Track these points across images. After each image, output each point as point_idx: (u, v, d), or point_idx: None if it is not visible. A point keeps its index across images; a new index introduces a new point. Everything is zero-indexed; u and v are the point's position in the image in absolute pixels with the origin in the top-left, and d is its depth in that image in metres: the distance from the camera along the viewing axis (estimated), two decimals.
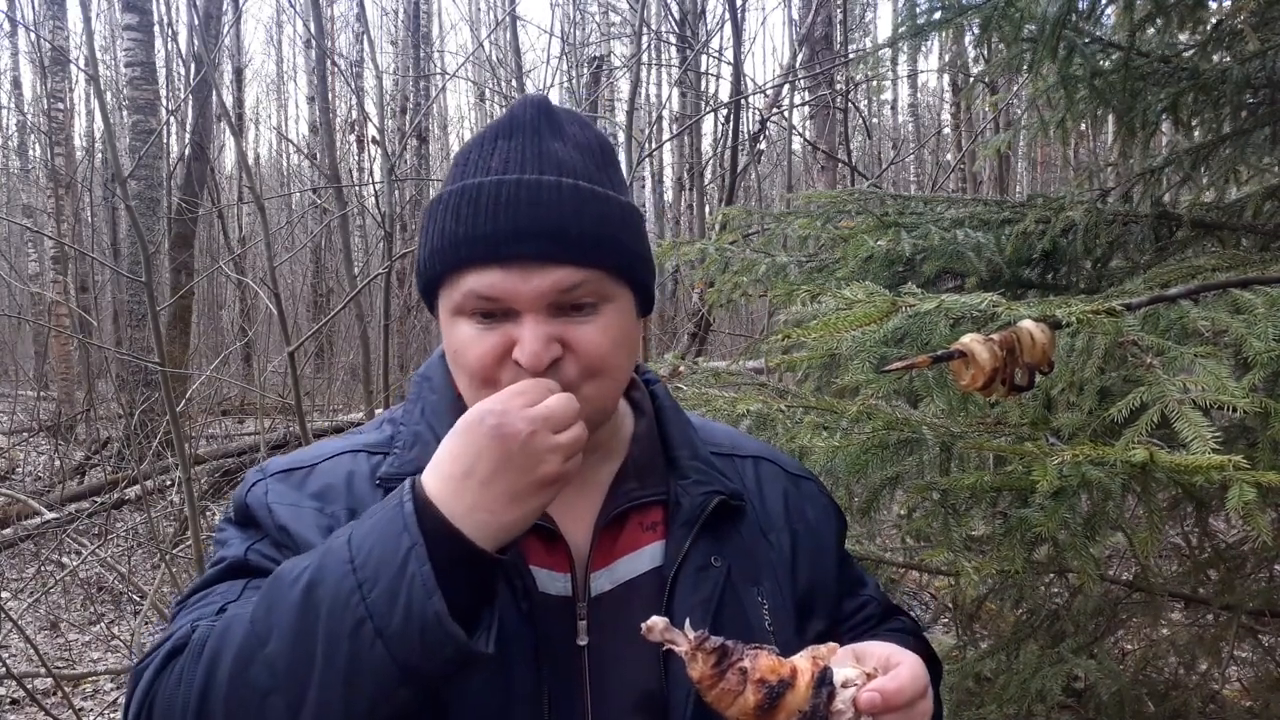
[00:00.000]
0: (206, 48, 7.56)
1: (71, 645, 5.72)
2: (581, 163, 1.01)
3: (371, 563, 0.85)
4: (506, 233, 0.95)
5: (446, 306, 1.01)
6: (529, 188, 0.97)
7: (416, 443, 1.06)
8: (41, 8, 12.63)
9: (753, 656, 0.86)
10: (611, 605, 1.03)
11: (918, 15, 2.27)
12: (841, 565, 1.23)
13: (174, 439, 4.27)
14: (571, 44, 13.38)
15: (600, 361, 0.99)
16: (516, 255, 0.95)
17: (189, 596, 1.01)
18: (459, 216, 0.98)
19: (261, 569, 0.99)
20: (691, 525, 1.06)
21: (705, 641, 0.86)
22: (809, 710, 0.85)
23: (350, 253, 6.59)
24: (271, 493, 1.06)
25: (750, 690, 0.85)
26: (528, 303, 0.96)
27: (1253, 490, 1.04)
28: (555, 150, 1.00)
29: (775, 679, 0.85)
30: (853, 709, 0.87)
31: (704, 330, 6.89)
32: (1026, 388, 1.14)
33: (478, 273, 0.96)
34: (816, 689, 0.86)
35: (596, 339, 0.98)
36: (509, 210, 0.96)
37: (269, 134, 27.17)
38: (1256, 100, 2.35)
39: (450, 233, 0.98)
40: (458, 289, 0.98)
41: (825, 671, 0.88)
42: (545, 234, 0.96)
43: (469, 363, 0.99)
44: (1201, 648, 2.70)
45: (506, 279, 0.95)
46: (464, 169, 1.02)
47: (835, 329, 1.27)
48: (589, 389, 0.98)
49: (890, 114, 19.50)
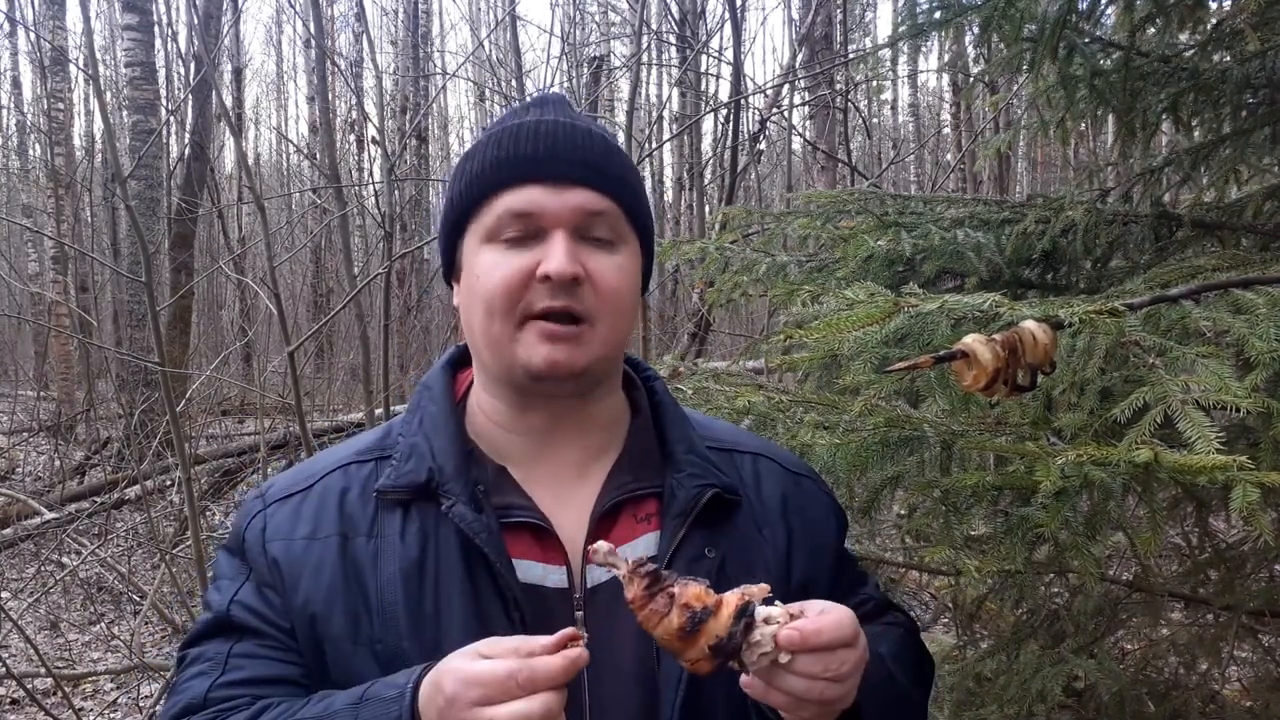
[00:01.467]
0: (206, 48, 7.55)
1: (71, 645, 5.72)
2: (604, 131, 1.13)
3: None
4: (545, 154, 1.06)
5: (476, 235, 1.08)
6: (564, 126, 1.09)
7: (413, 455, 1.09)
8: (41, 8, 12.62)
9: (683, 585, 0.93)
10: (608, 595, 1.05)
11: (918, 15, 2.27)
12: (841, 563, 1.24)
13: (174, 439, 4.27)
14: (571, 44, 13.36)
15: (614, 295, 1.06)
16: (552, 175, 1.05)
17: (187, 648, 1.10)
18: (500, 144, 1.08)
19: (244, 626, 1.07)
20: (685, 517, 1.09)
21: (641, 566, 0.93)
22: (725, 636, 0.91)
23: (350, 253, 6.58)
24: (269, 526, 1.10)
25: (675, 613, 0.91)
26: (557, 218, 1.04)
27: (1256, 490, 1.04)
28: (581, 118, 1.13)
29: (699, 606, 0.92)
30: (772, 644, 0.92)
31: (704, 330, 6.89)
32: (1028, 388, 1.14)
33: (514, 191, 1.05)
34: (736, 619, 0.92)
35: (614, 273, 1.06)
36: (548, 139, 1.07)
37: (269, 134, 27.17)
38: (1256, 100, 2.35)
39: (491, 158, 1.07)
40: (491, 212, 1.06)
41: (748, 605, 0.93)
42: (578, 160, 1.07)
43: (494, 284, 1.04)
44: (1201, 648, 2.70)
45: (541, 194, 1.04)
46: (499, 126, 1.12)
47: (837, 329, 1.27)
48: (603, 325, 1.05)
49: (890, 114, 19.50)
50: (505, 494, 1.08)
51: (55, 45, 11.32)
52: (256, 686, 1.04)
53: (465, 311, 1.10)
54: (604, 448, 1.13)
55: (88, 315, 11.45)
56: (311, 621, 1.05)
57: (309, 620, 1.05)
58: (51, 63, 11.43)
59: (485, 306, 1.05)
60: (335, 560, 1.06)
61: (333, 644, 1.04)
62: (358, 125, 13.21)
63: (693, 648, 0.91)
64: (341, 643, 1.03)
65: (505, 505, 1.07)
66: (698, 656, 0.92)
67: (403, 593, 1.03)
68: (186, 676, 1.07)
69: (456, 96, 32.41)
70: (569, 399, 1.10)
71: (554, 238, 1.03)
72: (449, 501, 1.04)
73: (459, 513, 1.04)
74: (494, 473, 1.09)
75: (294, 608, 1.06)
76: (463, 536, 1.03)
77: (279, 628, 1.06)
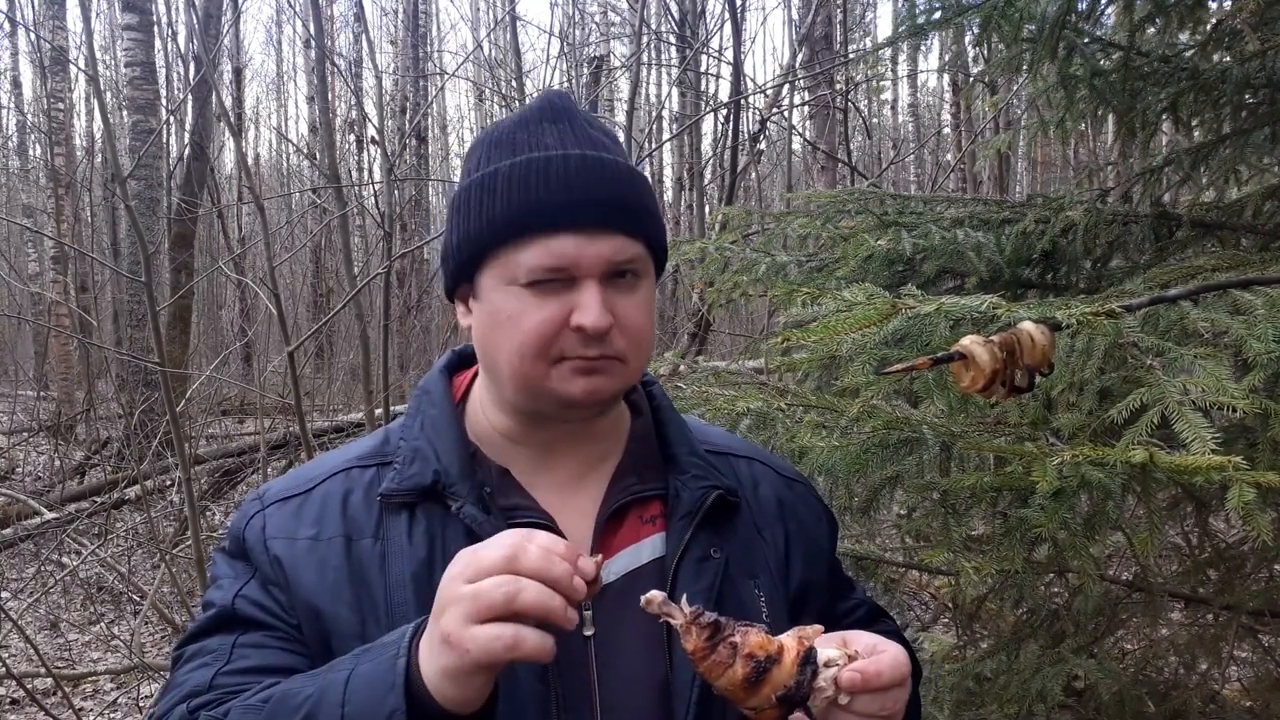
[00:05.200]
0: (206, 48, 7.56)
1: (71, 645, 5.72)
2: (614, 146, 1.08)
3: (360, 712, 0.89)
4: (578, 200, 1.01)
5: (498, 274, 1.04)
6: (593, 162, 1.04)
7: (416, 458, 1.08)
8: (41, 8, 12.64)
9: (744, 633, 0.91)
10: (616, 596, 1.04)
11: (917, 15, 2.27)
12: (833, 568, 1.27)
13: (174, 439, 4.27)
14: (571, 44, 13.37)
15: (640, 333, 1.05)
16: (584, 221, 1.01)
17: (185, 644, 1.06)
18: (528, 185, 1.02)
19: (249, 619, 1.04)
20: (691, 517, 1.09)
21: (700, 616, 0.90)
22: (793, 685, 0.90)
23: (350, 253, 6.58)
24: (269, 525, 1.08)
25: (739, 664, 0.89)
26: (590, 268, 1.01)
27: (1252, 490, 1.04)
28: (594, 135, 1.07)
29: (763, 655, 0.90)
30: (834, 687, 0.91)
31: (704, 330, 6.89)
32: (1026, 389, 1.14)
33: (548, 239, 1.01)
34: (801, 666, 0.90)
35: (639, 311, 1.05)
36: (580, 180, 1.02)
37: (269, 134, 27.14)
38: (1256, 100, 2.35)
39: (519, 202, 1.02)
40: (517, 258, 1.02)
41: (810, 650, 0.92)
42: (605, 203, 1.02)
43: (527, 331, 1.02)
44: (1201, 648, 2.70)
45: (574, 244, 1.00)
46: (513, 148, 1.06)
47: (835, 331, 1.27)
48: (634, 362, 1.05)
49: (890, 114, 19.52)
50: (510, 495, 1.08)
51: (55, 45, 11.33)
52: (263, 675, 1.01)
53: (486, 343, 1.07)
54: (605, 453, 1.13)
55: (88, 315, 11.46)
56: (317, 618, 1.03)
57: (314, 616, 1.04)
58: (51, 63, 11.43)
59: (515, 349, 1.03)
60: (340, 560, 1.05)
61: (340, 639, 1.02)
62: (357, 125, 13.22)
63: (757, 696, 0.90)
64: (349, 640, 1.02)
65: (511, 506, 1.07)
66: (763, 705, 0.90)
67: (413, 593, 1.02)
68: (187, 669, 1.04)
69: (456, 96, 32.46)
70: (585, 419, 1.10)
71: (586, 288, 1.01)
72: (457, 503, 1.04)
73: (468, 513, 1.03)
74: (498, 474, 1.09)
75: (299, 604, 1.04)
76: (472, 537, 1.02)
77: (286, 622, 1.05)
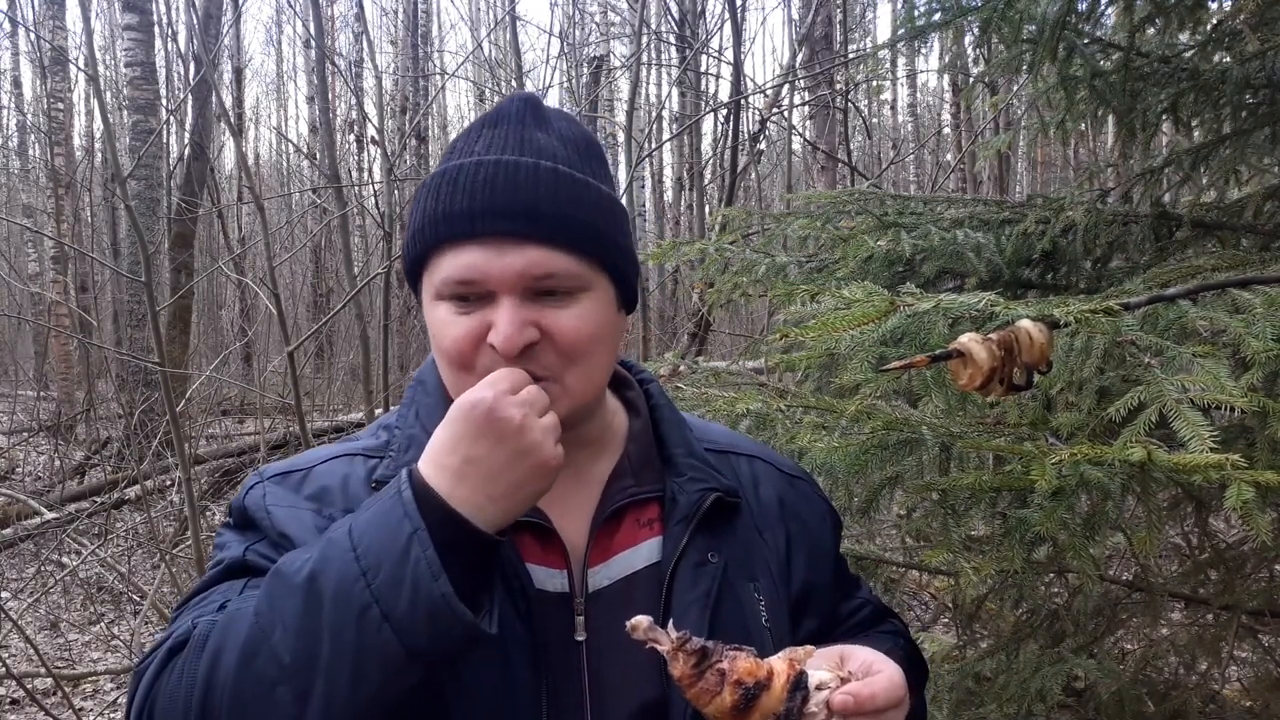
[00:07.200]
0: (206, 48, 7.56)
1: (71, 645, 5.72)
2: (563, 151, 1.02)
3: (374, 550, 0.86)
4: (481, 209, 0.96)
5: (428, 290, 1.03)
6: (506, 168, 0.98)
7: (411, 445, 1.07)
8: (41, 8, 12.62)
9: (731, 658, 0.89)
10: (610, 601, 1.03)
11: (917, 16, 2.27)
12: (838, 567, 1.24)
13: (174, 439, 4.27)
14: (571, 44, 13.37)
15: (577, 348, 0.99)
16: (490, 231, 0.96)
17: (189, 599, 1.01)
18: (438, 196, 0.99)
19: (260, 568, 0.98)
20: (688, 521, 1.07)
21: (687, 643, 0.88)
22: (783, 712, 0.88)
23: (350, 253, 6.59)
24: (269, 495, 1.06)
25: (728, 691, 0.88)
26: (501, 282, 0.97)
27: (1251, 489, 1.04)
28: (538, 138, 1.02)
29: (752, 681, 0.88)
30: (825, 711, 0.90)
31: (704, 330, 6.89)
32: (1025, 387, 1.14)
33: (454, 251, 0.97)
34: (791, 692, 0.89)
35: (574, 325, 0.98)
36: (485, 188, 0.97)
37: (269, 134, 27.17)
38: (1256, 100, 2.35)
39: (430, 211, 1.00)
40: (436, 270, 1.00)
41: (800, 675, 0.90)
42: (518, 212, 0.96)
43: (446, 347, 1.00)
44: (1201, 648, 2.70)
45: (481, 256, 0.96)
46: (449, 156, 1.04)
47: (833, 329, 1.27)
48: (570, 378, 1.00)
49: (890, 114, 19.51)
50: None
51: (55, 45, 11.32)
52: None
53: (432, 346, 1.06)
54: (599, 455, 1.11)
55: (88, 315, 11.47)
56: None
57: None
58: (51, 63, 11.43)
59: (444, 359, 1.02)
60: None
61: None
62: (357, 125, 13.19)
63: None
64: None
65: None
66: None
67: None
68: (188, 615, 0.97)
69: (456, 96, 32.42)
70: None
71: (501, 304, 0.96)
72: None
73: None
74: None
75: None
76: None
77: None
